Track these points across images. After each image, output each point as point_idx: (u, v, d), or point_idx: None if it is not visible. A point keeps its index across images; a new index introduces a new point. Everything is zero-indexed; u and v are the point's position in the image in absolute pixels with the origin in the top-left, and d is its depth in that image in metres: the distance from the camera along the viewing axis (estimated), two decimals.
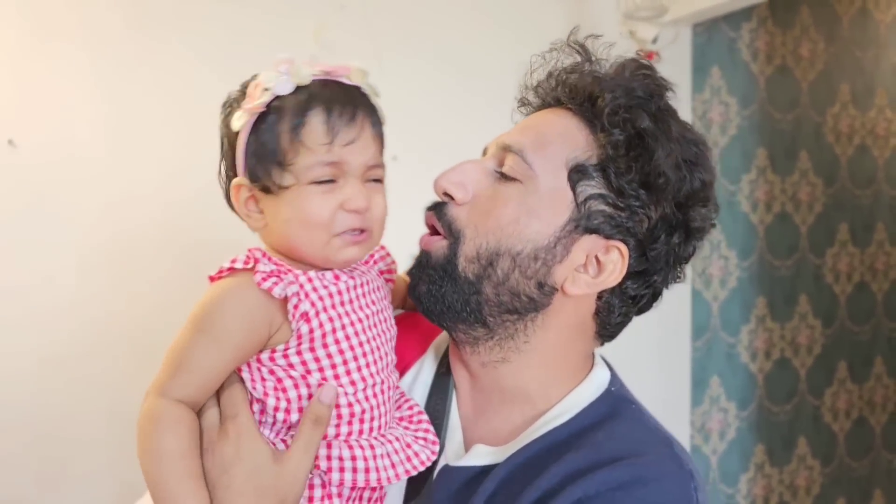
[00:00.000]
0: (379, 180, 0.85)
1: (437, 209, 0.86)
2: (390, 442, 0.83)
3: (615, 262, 0.82)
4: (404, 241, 0.97)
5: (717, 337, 2.74)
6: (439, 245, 0.85)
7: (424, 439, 0.86)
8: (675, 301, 2.60)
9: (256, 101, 0.80)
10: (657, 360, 2.55)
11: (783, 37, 2.84)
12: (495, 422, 0.87)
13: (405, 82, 2.09)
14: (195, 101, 1.89)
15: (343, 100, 0.81)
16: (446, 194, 0.86)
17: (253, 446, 0.76)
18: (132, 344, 1.83)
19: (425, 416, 0.88)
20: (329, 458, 0.79)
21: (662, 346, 2.58)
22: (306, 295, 0.79)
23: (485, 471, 0.82)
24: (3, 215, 1.75)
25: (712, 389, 2.74)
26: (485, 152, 0.91)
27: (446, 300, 0.84)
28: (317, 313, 0.79)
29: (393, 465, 0.81)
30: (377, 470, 0.79)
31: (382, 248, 0.94)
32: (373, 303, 0.86)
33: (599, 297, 0.85)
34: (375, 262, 0.93)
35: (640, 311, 0.89)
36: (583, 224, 0.82)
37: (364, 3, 2.05)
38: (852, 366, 3.11)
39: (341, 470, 0.79)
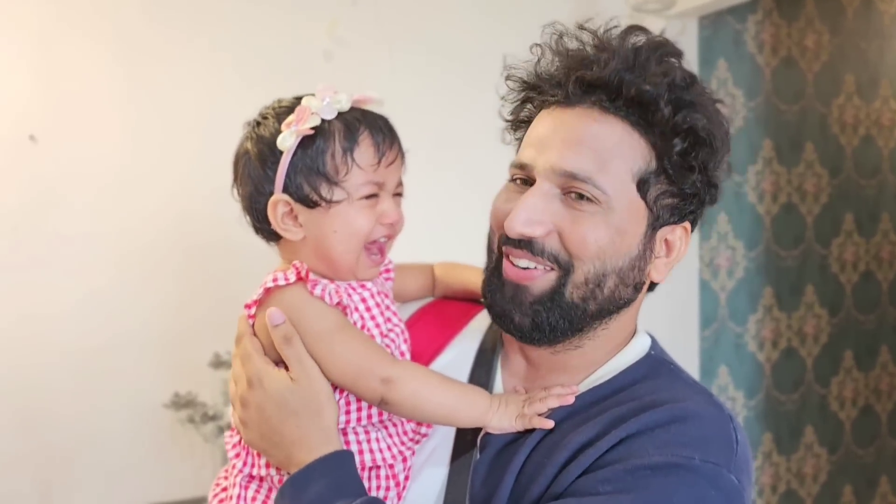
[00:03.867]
0: (401, 195, 0.96)
1: (529, 247, 0.85)
2: (385, 427, 0.92)
3: (681, 237, 0.89)
4: (414, 232, 1.02)
5: (725, 327, 2.77)
6: (545, 279, 0.86)
7: (415, 431, 0.94)
8: (684, 291, 2.63)
9: (305, 124, 0.88)
10: (666, 350, 2.58)
11: (788, 29, 2.86)
12: (541, 382, 0.91)
13: (415, 76, 2.12)
14: (212, 96, 1.92)
15: (383, 126, 0.92)
16: (524, 235, 0.85)
17: (273, 382, 0.87)
18: (150, 337, 1.87)
19: None
20: None
21: (671, 336, 2.58)
22: (342, 299, 0.90)
23: (528, 431, 0.87)
24: (25, 209, 1.78)
25: (720, 379, 2.77)
26: (521, 170, 0.89)
27: (552, 325, 0.86)
28: (350, 314, 0.90)
29: (388, 448, 0.91)
30: (371, 451, 0.90)
31: None
32: (387, 308, 0.96)
33: None
34: None
35: None
36: (658, 222, 0.87)
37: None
38: (858, 354, 3.14)
39: None
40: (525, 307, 0.86)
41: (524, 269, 0.87)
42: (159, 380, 1.88)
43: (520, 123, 0.96)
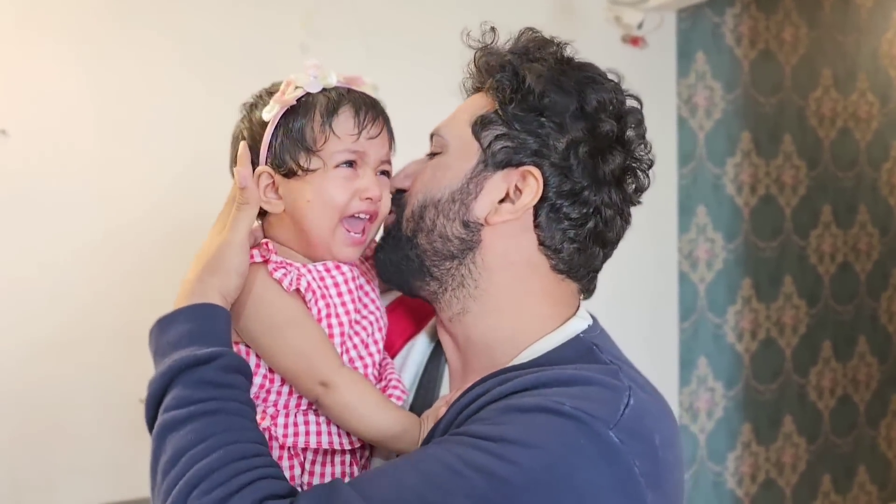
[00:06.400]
0: (387, 174, 0.96)
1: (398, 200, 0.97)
2: None
3: (531, 185, 0.88)
4: None
5: (704, 318, 2.79)
6: (390, 218, 0.96)
7: None
8: (662, 283, 2.65)
9: (288, 95, 0.91)
10: (645, 342, 2.60)
11: (766, 21, 2.88)
12: (474, 377, 0.90)
13: (392, 69, 2.11)
14: (182, 89, 1.90)
15: (369, 102, 0.94)
16: (399, 190, 0.97)
17: (215, 230, 0.91)
18: (123, 331, 1.85)
19: (402, 395, 0.95)
20: (286, 425, 0.89)
21: (650, 327, 2.62)
22: (308, 285, 0.89)
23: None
24: None
25: (699, 370, 2.79)
26: None
27: (392, 261, 0.94)
28: (315, 301, 0.90)
29: (347, 434, 0.90)
30: (329, 434, 0.90)
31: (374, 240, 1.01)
32: (366, 294, 0.95)
33: (537, 225, 0.89)
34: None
35: (604, 241, 0.91)
36: (491, 162, 0.90)
37: None
38: (836, 345, 3.17)
39: (295, 434, 0.89)
40: (378, 246, 0.97)
41: None
42: (135, 375, 1.85)
43: None
